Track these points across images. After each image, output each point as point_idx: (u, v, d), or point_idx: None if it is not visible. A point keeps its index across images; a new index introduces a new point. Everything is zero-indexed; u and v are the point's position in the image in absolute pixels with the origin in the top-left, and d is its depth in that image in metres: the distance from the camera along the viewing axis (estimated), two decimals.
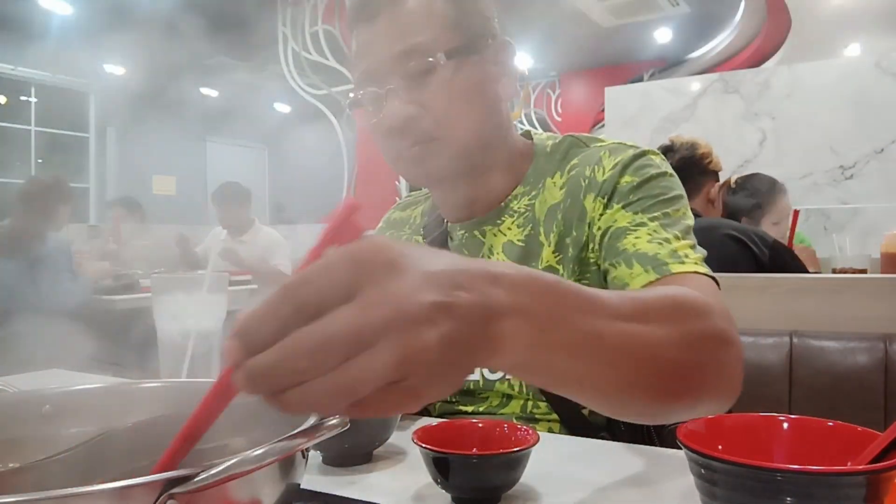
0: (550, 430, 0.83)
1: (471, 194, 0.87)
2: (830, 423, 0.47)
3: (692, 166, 2.13)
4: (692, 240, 0.76)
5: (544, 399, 0.82)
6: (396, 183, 4.74)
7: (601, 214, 0.79)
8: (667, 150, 2.26)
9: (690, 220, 0.79)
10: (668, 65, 8.16)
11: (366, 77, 0.81)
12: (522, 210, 0.86)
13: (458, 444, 0.58)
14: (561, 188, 0.85)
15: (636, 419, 0.60)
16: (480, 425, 0.61)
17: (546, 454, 0.61)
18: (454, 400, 0.88)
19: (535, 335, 0.42)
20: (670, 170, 0.82)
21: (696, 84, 4.36)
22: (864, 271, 2.32)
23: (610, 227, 0.78)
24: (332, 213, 0.37)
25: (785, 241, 2.19)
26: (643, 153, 0.82)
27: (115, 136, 8.20)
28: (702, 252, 0.75)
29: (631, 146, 0.84)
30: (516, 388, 0.83)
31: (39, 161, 7.69)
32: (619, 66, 8.45)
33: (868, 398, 1.06)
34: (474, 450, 0.59)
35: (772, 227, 2.28)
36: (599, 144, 0.86)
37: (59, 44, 6.24)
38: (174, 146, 8.24)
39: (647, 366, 0.52)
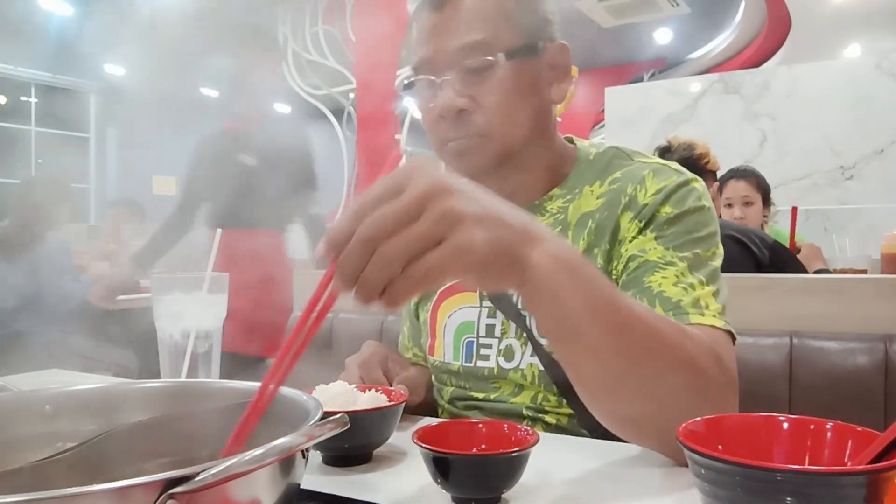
0: (558, 423, 0.83)
1: (507, 190, 0.85)
2: (830, 423, 0.47)
3: (690, 167, 2.12)
4: (716, 285, 0.76)
5: (555, 392, 0.82)
6: None
7: (633, 237, 0.79)
8: (664, 151, 2.26)
9: (718, 261, 0.79)
10: (668, 65, 8.18)
11: (423, 64, 0.82)
12: (555, 211, 0.87)
13: (458, 444, 0.59)
14: (598, 198, 0.84)
15: (608, 413, 0.63)
16: (480, 425, 0.61)
17: (546, 454, 0.61)
18: (467, 386, 0.89)
19: (559, 273, 0.52)
20: (709, 201, 0.82)
21: (696, 85, 4.37)
22: (864, 272, 2.32)
23: (638, 255, 0.78)
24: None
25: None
26: (686, 181, 0.81)
27: (115, 136, 8.20)
28: (724, 300, 0.75)
29: (675, 170, 0.83)
30: (528, 379, 0.84)
31: (39, 161, 7.69)
32: (620, 66, 8.46)
33: (868, 399, 1.06)
34: (474, 450, 0.59)
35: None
36: (644, 161, 0.86)
37: (59, 44, 6.24)
38: (174, 146, 8.23)
39: (647, 351, 0.58)
